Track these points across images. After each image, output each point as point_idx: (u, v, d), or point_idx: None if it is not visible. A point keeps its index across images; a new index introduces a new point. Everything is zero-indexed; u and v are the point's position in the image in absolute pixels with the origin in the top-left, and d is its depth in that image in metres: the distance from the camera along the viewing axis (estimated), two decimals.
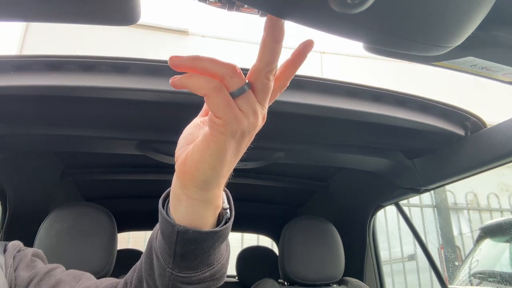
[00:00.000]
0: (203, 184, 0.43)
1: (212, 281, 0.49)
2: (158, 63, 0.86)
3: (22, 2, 0.39)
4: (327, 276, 1.43)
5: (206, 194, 0.45)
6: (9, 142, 1.12)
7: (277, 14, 0.34)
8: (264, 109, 0.42)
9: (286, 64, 0.42)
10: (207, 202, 0.45)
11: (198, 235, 0.45)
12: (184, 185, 0.44)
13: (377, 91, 0.98)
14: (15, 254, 0.67)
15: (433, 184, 1.24)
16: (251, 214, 2.16)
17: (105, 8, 0.42)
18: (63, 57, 0.84)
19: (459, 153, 1.09)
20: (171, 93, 0.86)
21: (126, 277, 0.58)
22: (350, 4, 0.26)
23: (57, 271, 0.65)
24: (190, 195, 0.45)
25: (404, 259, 4.19)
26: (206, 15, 5.78)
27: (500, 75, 0.48)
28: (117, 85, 0.85)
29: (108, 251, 1.19)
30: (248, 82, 0.40)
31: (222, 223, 0.48)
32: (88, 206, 1.26)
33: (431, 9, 0.29)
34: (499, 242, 2.78)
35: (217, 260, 0.49)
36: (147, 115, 1.02)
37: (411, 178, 1.27)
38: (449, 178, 1.16)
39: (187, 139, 0.46)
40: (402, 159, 1.25)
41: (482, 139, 1.03)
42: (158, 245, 0.49)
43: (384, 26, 0.30)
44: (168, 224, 0.46)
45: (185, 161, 0.44)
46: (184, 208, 0.46)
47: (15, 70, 0.84)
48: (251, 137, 0.43)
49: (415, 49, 0.33)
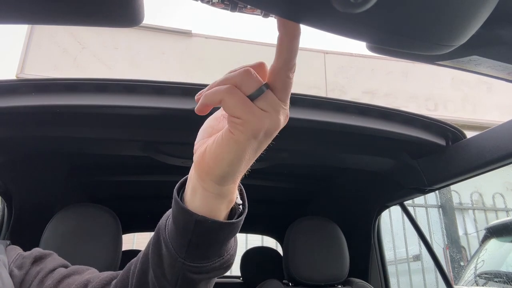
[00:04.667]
0: (219, 178, 0.44)
1: (220, 270, 0.50)
2: (163, 84, 0.95)
3: (25, 4, 0.39)
4: (331, 276, 1.42)
5: (221, 188, 0.45)
6: (14, 144, 1.13)
7: (279, 15, 0.34)
8: (286, 107, 0.42)
9: None
10: (222, 196, 0.46)
11: (216, 225, 0.46)
12: (200, 177, 0.45)
13: (365, 107, 1.06)
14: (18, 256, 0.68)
15: (438, 184, 1.23)
16: (255, 214, 2.16)
17: (108, 10, 0.42)
18: (78, 80, 0.95)
19: (464, 153, 1.10)
20: (175, 110, 0.93)
21: (122, 271, 0.58)
22: (353, 3, 0.26)
23: (61, 269, 0.66)
24: (206, 188, 0.45)
25: (410, 260, 4.17)
26: (210, 16, 5.79)
27: (505, 74, 0.48)
28: (126, 103, 0.95)
29: (113, 252, 1.19)
30: (266, 83, 0.40)
31: (236, 216, 0.49)
32: (93, 207, 1.26)
33: (434, 8, 0.29)
34: (505, 242, 2.76)
35: (227, 250, 0.50)
36: (152, 115, 1.04)
37: (416, 178, 1.27)
38: (454, 178, 1.16)
39: (207, 131, 0.47)
40: (407, 159, 1.25)
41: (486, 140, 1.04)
42: (169, 235, 0.49)
43: (387, 25, 0.30)
44: (185, 213, 0.46)
45: (204, 154, 0.44)
46: (199, 200, 0.46)
47: (36, 91, 0.94)
48: (273, 136, 0.43)
49: (418, 48, 0.33)
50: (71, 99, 0.94)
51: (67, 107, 0.94)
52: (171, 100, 0.94)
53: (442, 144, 1.15)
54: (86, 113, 0.98)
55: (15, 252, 0.69)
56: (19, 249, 0.72)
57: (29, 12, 0.41)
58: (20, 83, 0.95)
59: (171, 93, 0.95)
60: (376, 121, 1.06)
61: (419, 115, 1.12)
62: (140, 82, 0.95)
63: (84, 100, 0.94)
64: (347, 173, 1.66)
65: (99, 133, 1.08)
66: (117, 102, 0.94)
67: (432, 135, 1.14)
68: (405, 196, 1.50)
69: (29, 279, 0.63)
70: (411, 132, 1.10)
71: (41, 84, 0.95)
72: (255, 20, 10.98)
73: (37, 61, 4.77)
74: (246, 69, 0.40)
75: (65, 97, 0.94)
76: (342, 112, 1.04)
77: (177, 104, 0.93)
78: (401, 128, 1.09)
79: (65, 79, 0.95)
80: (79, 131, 1.07)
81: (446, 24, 0.31)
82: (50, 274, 0.64)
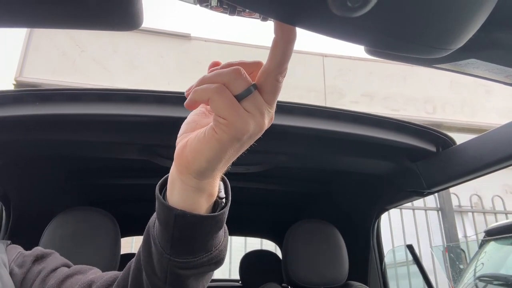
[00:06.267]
0: (197, 173, 0.44)
1: (209, 265, 0.49)
2: (162, 93, 1.00)
3: (24, 8, 0.39)
4: (331, 280, 1.42)
5: (200, 182, 0.45)
6: (13, 148, 1.13)
7: (277, 18, 0.34)
8: (272, 110, 0.42)
9: None
10: (201, 190, 0.46)
11: (195, 219, 0.45)
12: (179, 171, 0.45)
13: (357, 115, 1.11)
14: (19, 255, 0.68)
15: (436, 187, 1.24)
16: (255, 217, 2.16)
17: (107, 13, 0.42)
18: (81, 89, 1.00)
19: (461, 156, 1.11)
20: (175, 118, 0.97)
21: (123, 270, 0.58)
22: (350, 7, 0.26)
23: (63, 268, 0.66)
24: (184, 181, 0.45)
25: (409, 263, 4.16)
26: (208, 20, 5.81)
27: (503, 77, 0.48)
28: (128, 112, 0.99)
29: (112, 255, 1.19)
30: (254, 84, 0.41)
31: (218, 209, 0.48)
32: (92, 211, 1.26)
33: (432, 11, 0.30)
34: (504, 245, 2.76)
35: (215, 246, 0.49)
36: (150, 120, 1.05)
37: (415, 181, 1.28)
38: (452, 181, 1.17)
39: (190, 126, 0.47)
40: (406, 162, 1.26)
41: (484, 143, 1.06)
42: (156, 232, 0.49)
43: (385, 29, 0.30)
44: (165, 208, 0.46)
45: (184, 148, 0.44)
46: (178, 193, 0.46)
47: (39, 100, 0.98)
48: (256, 138, 0.43)
49: (416, 52, 0.33)
50: (74, 109, 0.98)
51: (69, 116, 0.98)
52: (171, 108, 0.99)
53: (433, 150, 1.19)
54: (88, 120, 1.01)
55: (16, 251, 0.69)
56: (20, 248, 0.71)
57: (28, 16, 0.41)
58: (25, 93, 0.98)
59: (172, 102, 0.99)
60: (369, 128, 1.11)
61: (410, 122, 1.17)
62: (143, 92, 1.00)
63: (87, 109, 0.98)
64: (345, 176, 1.66)
65: (99, 137, 1.09)
66: (119, 111, 0.99)
67: (423, 141, 1.18)
68: (403, 199, 1.50)
69: (31, 278, 0.63)
70: (402, 139, 1.14)
71: (44, 94, 0.98)
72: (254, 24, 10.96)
73: (36, 64, 4.76)
74: (236, 68, 0.40)
75: (67, 107, 0.98)
76: (335, 119, 1.09)
77: (177, 112, 0.97)
78: (392, 135, 1.13)
79: (67, 89, 1.00)
80: (79, 136, 1.08)
81: (443, 27, 0.31)
82: (52, 273, 0.64)
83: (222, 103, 0.39)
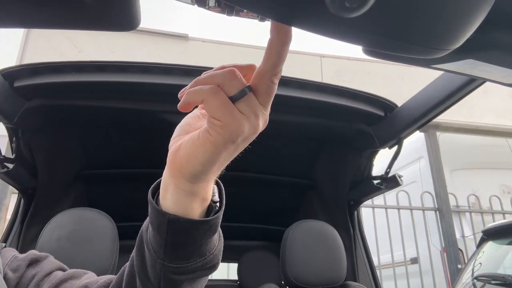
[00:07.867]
0: (191, 177, 0.43)
1: (204, 270, 0.49)
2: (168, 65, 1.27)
3: (21, 9, 0.39)
4: (329, 280, 1.42)
5: (193, 186, 0.44)
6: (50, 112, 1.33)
7: (275, 19, 0.34)
8: (266, 112, 0.42)
9: None
10: (194, 194, 0.45)
11: (189, 224, 0.45)
12: (172, 174, 0.44)
13: (322, 85, 1.40)
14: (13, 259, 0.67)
15: (386, 144, 1.50)
16: (254, 220, 2.15)
17: (105, 14, 0.42)
18: (106, 62, 1.24)
19: (401, 117, 1.42)
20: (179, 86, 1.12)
21: (117, 274, 0.58)
22: (348, 7, 0.26)
23: (58, 272, 0.65)
24: (177, 185, 0.44)
25: (407, 263, 4.17)
26: (206, 20, 5.81)
27: (500, 77, 0.48)
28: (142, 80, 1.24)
29: (110, 256, 1.19)
30: (249, 85, 0.40)
31: (212, 214, 0.48)
32: (89, 211, 1.26)
33: (429, 12, 0.30)
34: (501, 245, 2.77)
35: (209, 250, 0.49)
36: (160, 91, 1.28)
37: (370, 141, 1.53)
38: (396, 137, 1.45)
39: (184, 129, 0.46)
40: (363, 126, 1.51)
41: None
42: (149, 236, 0.49)
43: (383, 29, 0.31)
44: (158, 213, 0.46)
45: (178, 151, 0.43)
46: (171, 198, 0.45)
47: (75, 71, 1.23)
48: (251, 140, 0.42)
49: (414, 52, 0.33)
50: (100, 77, 1.22)
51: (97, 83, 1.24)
52: (175, 78, 1.24)
53: (382, 115, 1.47)
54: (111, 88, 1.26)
55: (10, 254, 0.68)
56: (14, 251, 0.70)
57: (25, 16, 0.41)
58: (64, 65, 1.24)
59: (176, 73, 1.24)
60: (331, 96, 1.38)
61: (363, 91, 1.44)
62: (153, 64, 1.25)
63: (110, 77, 1.23)
64: (323, 168, 1.80)
65: (119, 103, 1.30)
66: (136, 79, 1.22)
67: (375, 107, 1.46)
68: (374, 191, 1.64)
69: (25, 282, 0.62)
70: (359, 106, 1.41)
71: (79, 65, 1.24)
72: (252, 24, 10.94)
73: None
74: (231, 69, 0.40)
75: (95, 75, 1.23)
76: (303, 89, 1.34)
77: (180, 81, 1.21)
78: (350, 102, 1.40)
79: (95, 62, 1.25)
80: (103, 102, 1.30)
81: (441, 28, 0.31)
82: (46, 277, 0.63)
83: (217, 105, 0.39)
